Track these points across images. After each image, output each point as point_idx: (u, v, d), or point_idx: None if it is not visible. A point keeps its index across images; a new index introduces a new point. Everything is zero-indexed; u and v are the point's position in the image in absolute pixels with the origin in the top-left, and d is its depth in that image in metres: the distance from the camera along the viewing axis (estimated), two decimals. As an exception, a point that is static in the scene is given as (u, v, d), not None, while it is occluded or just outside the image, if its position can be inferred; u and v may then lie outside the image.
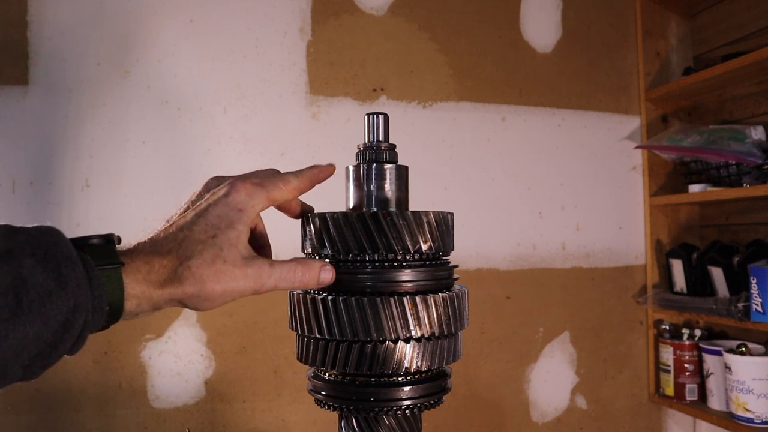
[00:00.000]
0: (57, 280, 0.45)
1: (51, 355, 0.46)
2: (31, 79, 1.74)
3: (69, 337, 0.46)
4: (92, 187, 1.77)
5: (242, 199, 0.55)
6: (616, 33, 2.24)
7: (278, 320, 1.86)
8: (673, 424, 2.23)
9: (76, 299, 0.45)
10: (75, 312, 0.45)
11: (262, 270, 0.55)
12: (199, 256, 0.52)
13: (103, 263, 0.49)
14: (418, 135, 2.02)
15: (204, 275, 0.52)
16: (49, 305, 0.44)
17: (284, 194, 0.59)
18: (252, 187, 0.56)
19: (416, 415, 0.63)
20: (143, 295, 0.50)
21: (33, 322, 0.43)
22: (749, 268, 1.78)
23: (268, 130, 1.90)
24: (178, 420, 1.80)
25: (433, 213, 0.61)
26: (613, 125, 2.23)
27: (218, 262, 0.53)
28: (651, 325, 2.21)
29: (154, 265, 0.51)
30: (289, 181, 0.59)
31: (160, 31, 1.83)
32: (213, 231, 0.53)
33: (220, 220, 0.54)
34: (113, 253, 0.50)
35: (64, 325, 0.45)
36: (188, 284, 0.51)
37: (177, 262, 0.52)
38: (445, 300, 0.61)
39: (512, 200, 2.11)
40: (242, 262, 0.54)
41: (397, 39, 2.01)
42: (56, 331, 0.45)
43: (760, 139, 1.86)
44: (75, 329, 0.46)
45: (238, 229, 0.54)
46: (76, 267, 0.46)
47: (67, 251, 0.46)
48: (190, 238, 0.53)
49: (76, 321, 0.46)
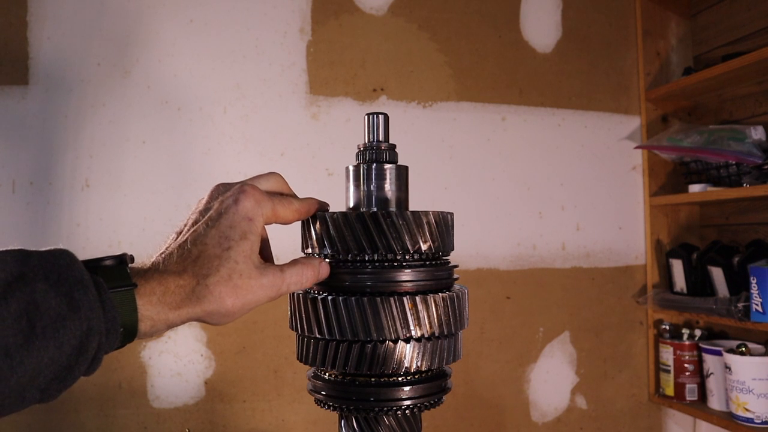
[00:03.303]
0: (70, 304, 0.45)
1: (67, 377, 0.46)
2: (31, 79, 1.74)
3: (84, 360, 0.46)
4: (92, 187, 1.77)
5: (251, 207, 0.55)
6: (616, 33, 2.24)
7: (278, 320, 1.86)
8: (673, 424, 2.23)
9: (89, 323, 0.45)
10: (89, 335, 0.46)
11: (276, 277, 0.55)
12: (216, 274, 0.52)
13: (116, 285, 0.48)
14: (418, 135, 2.02)
15: (222, 292, 0.52)
16: (63, 330, 0.44)
17: (287, 213, 0.59)
18: (260, 195, 0.56)
19: (416, 415, 0.63)
20: (158, 317, 0.51)
21: (47, 347, 0.43)
22: (749, 268, 1.78)
23: (268, 130, 1.90)
24: (178, 420, 1.80)
25: (433, 213, 0.61)
26: (613, 125, 2.23)
27: (235, 276, 0.53)
28: (651, 325, 2.21)
29: (169, 286, 0.51)
30: (292, 202, 0.60)
31: (160, 31, 1.83)
32: (227, 243, 0.53)
33: (233, 230, 0.54)
34: (125, 275, 0.50)
35: (78, 348, 0.45)
36: (207, 303, 0.52)
37: (194, 281, 0.52)
38: (445, 300, 0.61)
39: (512, 200, 2.11)
40: (257, 273, 0.54)
41: (397, 39, 2.01)
42: (71, 355, 0.45)
43: (760, 139, 1.86)
44: (89, 352, 0.46)
45: (251, 239, 0.54)
46: (89, 290, 0.46)
47: (79, 275, 0.46)
48: (205, 254, 0.53)
49: (90, 344, 0.46)
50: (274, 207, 0.57)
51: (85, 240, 1.75)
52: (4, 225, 1.70)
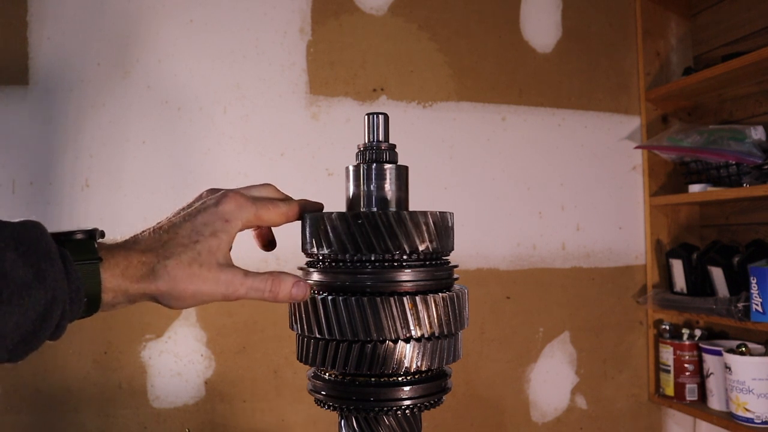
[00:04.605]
0: (36, 274, 0.48)
1: (32, 341, 0.49)
2: (31, 79, 1.74)
3: (47, 326, 0.49)
4: (92, 187, 1.77)
5: (230, 210, 0.58)
6: (616, 33, 2.24)
7: (278, 320, 1.86)
8: (673, 424, 2.23)
9: (54, 292, 0.48)
10: (53, 304, 0.48)
11: (236, 278, 0.57)
12: (177, 258, 0.55)
13: (82, 258, 0.52)
14: (418, 135, 2.02)
15: (178, 275, 0.54)
16: (28, 298, 0.47)
17: (272, 216, 0.61)
18: (242, 199, 0.59)
19: (416, 415, 0.63)
20: (119, 289, 0.53)
21: (12, 313, 0.46)
22: (749, 268, 1.78)
23: (268, 130, 1.90)
24: (178, 420, 1.80)
25: (432, 213, 0.61)
26: (613, 125, 2.23)
27: (194, 265, 0.55)
28: (651, 325, 2.21)
29: (132, 260, 0.54)
30: (278, 206, 0.62)
31: (160, 31, 1.83)
32: (196, 236, 0.56)
33: (205, 227, 0.57)
34: (92, 249, 0.53)
35: (43, 315, 0.48)
36: (162, 282, 0.54)
37: (155, 260, 0.54)
38: (445, 300, 0.61)
39: (512, 200, 2.11)
40: (217, 268, 0.56)
41: (397, 39, 2.01)
42: (35, 321, 0.48)
43: (760, 139, 1.86)
44: (53, 319, 0.49)
45: (221, 238, 0.57)
46: (55, 262, 0.49)
47: (47, 246, 0.49)
48: (174, 241, 0.56)
49: (53, 312, 0.49)
50: (257, 211, 0.60)
51: (85, 240, 1.75)
52: (4, 225, 1.70)
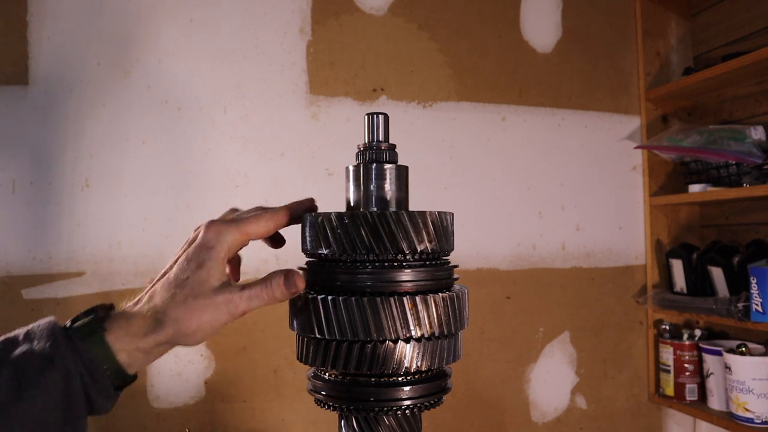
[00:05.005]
0: (46, 357, 0.53)
1: (70, 417, 0.53)
2: (31, 79, 1.74)
3: (76, 400, 0.53)
4: (92, 187, 1.77)
5: (210, 237, 0.59)
6: (616, 33, 2.24)
7: (278, 320, 1.86)
8: (673, 424, 2.23)
9: (66, 368, 0.53)
10: (70, 378, 0.53)
11: (233, 295, 0.59)
12: (173, 300, 0.57)
13: (86, 333, 0.56)
14: (418, 135, 2.02)
15: (179, 316, 0.57)
16: (43, 379, 0.52)
17: (259, 228, 0.62)
18: (221, 225, 0.60)
19: (416, 415, 0.63)
20: (130, 347, 0.56)
21: (35, 396, 0.51)
22: (749, 268, 1.78)
23: (268, 130, 1.90)
24: (178, 420, 1.80)
25: (432, 213, 0.61)
26: (613, 125, 2.23)
27: (189, 300, 0.57)
28: (651, 325, 2.21)
29: (133, 320, 0.57)
30: (261, 216, 0.63)
31: (160, 31, 1.83)
32: (185, 274, 0.58)
33: (191, 262, 0.59)
34: (94, 323, 0.57)
35: (66, 391, 0.52)
36: (168, 327, 0.57)
37: (155, 311, 0.57)
38: (445, 300, 0.61)
39: (512, 200, 2.11)
40: (212, 294, 0.58)
41: (397, 39, 2.01)
42: (60, 398, 0.52)
43: (760, 139, 1.86)
44: (76, 392, 0.53)
45: (208, 266, 0.58)
46: (60, 344, 0.54)
47: (53, 334, 0.54)
48: (167, 286, 0.59)
49: (73, 385, 0.53)
50: (240, 229, 0.61)
51: (85, 240, 1.75)
52: (4, 225, 1.70)
